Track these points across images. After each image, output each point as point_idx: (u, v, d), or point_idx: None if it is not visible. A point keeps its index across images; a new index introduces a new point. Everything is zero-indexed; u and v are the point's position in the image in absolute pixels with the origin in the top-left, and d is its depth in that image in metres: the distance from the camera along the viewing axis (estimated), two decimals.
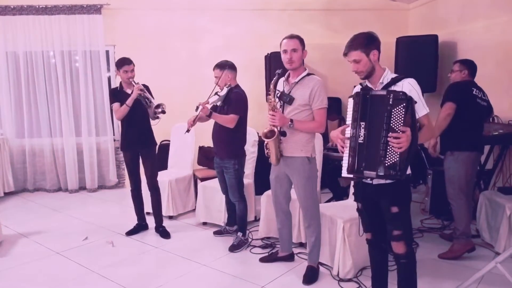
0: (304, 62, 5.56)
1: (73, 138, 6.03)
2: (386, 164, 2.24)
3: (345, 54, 2.43)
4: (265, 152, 3.18)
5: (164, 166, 5.20)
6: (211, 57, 4.51)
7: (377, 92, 2.32)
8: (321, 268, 3.37)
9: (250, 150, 4.44)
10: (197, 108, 3.57)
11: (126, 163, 4.21)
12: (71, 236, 4.22)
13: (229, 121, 3.67)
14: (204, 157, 5.51)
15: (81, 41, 5.86)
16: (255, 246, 3.89)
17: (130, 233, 4.26)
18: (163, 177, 4.66)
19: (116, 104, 3.98)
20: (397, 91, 2.26)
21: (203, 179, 4.88)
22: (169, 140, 5.41)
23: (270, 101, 3.09)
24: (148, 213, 4.48)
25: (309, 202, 3.18)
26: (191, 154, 5.10)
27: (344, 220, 3.21)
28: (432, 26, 5.54)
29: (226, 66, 3.75)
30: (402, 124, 2.19)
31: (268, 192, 3.97)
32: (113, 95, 4.08)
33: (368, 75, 2.42)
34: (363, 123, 2.32)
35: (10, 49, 5.85)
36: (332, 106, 6.21)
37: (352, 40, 2.40)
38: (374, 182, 2.41)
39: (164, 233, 4.22)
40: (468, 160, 3.53)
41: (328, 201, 4.49)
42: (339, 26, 6.19)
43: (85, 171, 6.06)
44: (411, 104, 2.21)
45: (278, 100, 3.14)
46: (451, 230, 4.08)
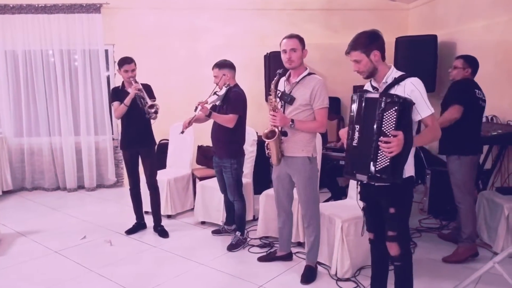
0: (304, 62, 5.61)
1: (72, 137, 6.02)
2: (377, 168, 2.21)
3: (347, 53, 2.41)
4: (266, 153, 3.17)
5: (163, 165, 5.20)
6: (211, 57, 4.51)
7: (371, 95, 2.30)
8: (319, 268, 3.37)
9: (249, 150, 4.44)
10: (196, 108, 3.56)
11: (125, 162, 4.21)
12: (69, 235, 4.22)
13: (229, 121, 3.67)
14: (203, 156, 5.51)
15: (80, 40, 5.85)
16: (253, 246, 3.88)
17: (129, 232, 4.25)
18: (162, 176, 4.66)
19: (116, 103, 3.99)
20: (391, 94, 2.21)
21: (202, 178, 4.88)
22: (168, 139, 5.41)
23: (271, 101, 3.08)
24: (147, 212, 4.49)
25: (310, 202, 3.17)
26: (190, 153, 5.10)
27: (343, 220, 3.21)
28: (432, 26, 5.54)
29: (225, 66, 3.75)
30: (394, 128, 2.15)
31: (267, 192, 3.98)
32: (114, 94, 4.09)
33: (370, 75, 2.41)
34: (358, 126, 2.32)
35: (9, 48, 5.84)
36: (331, 106, 6.15)
37: (354, 40, 2.38)
38: (376, 184, 2.38)
39: (163, 232, 4.22)
40: (473, 163, 3.50)
41: (327, 201, 4.49)
42: (339, 26, 6.19)
43: (84, 170, 6.05)
44: (406, 107, 2.17)
45: (279, 100, 3.14)
46: (450, 230, 4.09)
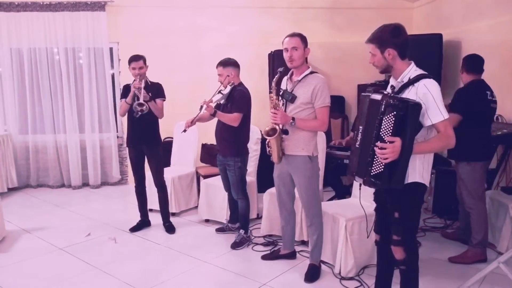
0: (308, 61, 5.60)
1: (77, 135, 6.04)
2: (372, 173, 2.17)
3: (366, 43, 2.34)
4: (267, 150, 3.19)
5: (167, 163, 5.21)
6: (215, 55, 4.51)
7: (375, 97, 2.22)
8: (323, 266, 3.38)
9: (253, 148, 4.45)
10: (201, 108, 3.56)
11: (131, 160, 4.23)
12: (74, 232, 4.24)
13: (233, 120, 3.67)
14: (207, 155, 5.52)
15: (85, 38, 5.86)
16: (257, 244, 3.89)
17: (134, 230, 4.27)
18: (166, 174, 4.63)
19: (122, 100, 4.01)
20: (392, 98, 2.11)
21: (206, 177, 4.88)
22: (172, 138, 5.42)
23: (272, 99, 3.09)
24: (151, 210, 4.50)
25: (311, 201, 3.17)
26: (194, 152, 5.11)
27: (347, 219, 3.21)
28: (437, 25, 5.52)
29: (229, 64, 3.76)
30: (391, 134, 2.08)
31: (271, 190, 3.98)
32: (123, 91, 4.12)
33: (384, 71, 2.35)
34: (361, 128, 2.29)
35: (14, 46, 5.86)
36: (336, 105, 6.20)
37: (374, 32, 2.29)
38: None
39: (170, 228, 4.24)
40: (484, 168, 3.48)
41: (331, 200, 4.50)
42: (343, 25, 6.18)
43: (88, 168, 6.07)
44: (408, 112, 2.06)
45: (281, 98, 3.14)
46: (454, 229, 4.08)
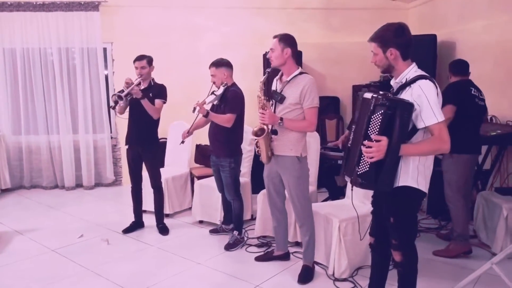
0: (303, 61, 5.58)
1: (70, 136, 6.00)
2: (358, 172, 2.15)
3: (369, 41, 2.31)
4: (256, 150, 3.19)
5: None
6: (209, 55, 4.49)
7: (366, 95, 2.22)
8: (317, 268, 3.36)
9: (247, 149, 4.43)
10: (194, 109, 3.54)
11: (128, 161, 4.20)
12: (67, 234, 4.20)
13: (226, 121, 3.66)
14: (201, 155, 5.50)
15: (79, 38, 5.83)
16: (251, 245, 3.87)
17: (127, 231, 4.24)
18: None
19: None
20: (380, 96, 2.09)
21: (200, 177, 4.86)
22: (166, 138, 5.39)
23: (260, 99, 3.09)
24: (145, 211, 4.48)
25: (301, 201, 3.16)
26: (188, 152, 5.08)
27: (340, 220, 3.19)
28: (431, 26, 5.52)
29: (222, 64, 3.74)
30: (377, 133, 2.07)
31: (264, 191, 3.94)
32: None
33: (386, 71, 2.32)
34: (354, 126, 2.29)
35: (7, 46, 5.82)
36: (330, 106, 6.20)
37: (377, 31, 2.26)
38: None
39: (163, 230, 4.22)
40: (467, 163, 3.51)
41: (325, 201, 4.48)
42: (338, 25, 6.17)
43: (82, 169, 6.03)
44: (398, 111, 2.04)
45: (269, 99, 3.14)
46: (448, 230, 4.07)
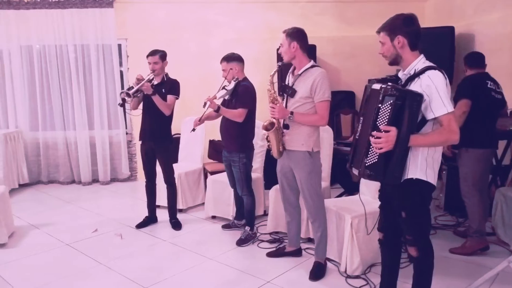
0: (317, 55, 5.52)
1: (86, 131, 6.07)
2: (366, 164, 2.13)
3: (377, 33, 2.29)
4: (267, 145, 3.15)
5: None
6: (222, 50, 4.46)
7: (374, 86, 2.20)
8: (329, 264, 3.32)
9: (259, 144, 4.40)
10: (205, 104, 3.53)
11: (141, 156, 4.22)
12: (82, 228, 4.26)
13: (238, 115, 3.63)
14: (214, 151, 5.50)
15: (93, 35, 5.88)
16: (263, 241, 3.85)
17: (140, 226, 4.27)
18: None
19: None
20: (390, 87, 2.06)
21: (213, 173, 4.86)
22: (180, 134, 5.41)
23: (270, 93, 3.06)
24: (159, 206, 4.50)
25: (313, 197, 3.12)
26: (201, 148, 5.09)
27: (352, 216, 3.14)
28: (449, 18, 5.39)
29: (233, 59, 3.71)
30: (386, 123, 2.05)
31: (277, 186, 3.92)
32: None
33: (393, 62, 2.27)
34: (361, 118, 2.26)
35: (24, 43, 5.91)
36: (346, 100, 6.12)
37: (386, 21, 2.25)
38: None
39: (176, 225, 4.24)
40: (483, 157, 3.44)
41: (339, 197, 4.42)
42: (353, 19, 6.07)
43: (98, 164, 6.11)
44: (407, 101, 2.02)
45: (281, 93, 3.10)
46: (466, 227, 3.98)
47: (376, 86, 2.16)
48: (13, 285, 3.10)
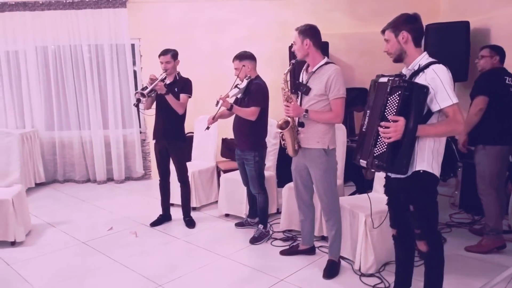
0: (329, 52, 5.48)
1: (101, 131, 6.15)
2: (375, 154, 2.18)
3: (382, 32, 2.36)
4: (282, 143, 3.14)
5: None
6: (235, 49, 4.46)
7: (381, 79, 2.25)
8: (343, 262, 3.31)
9: (272, 142, 4.40)
10: (218, 103, 3.54)
11: (155, 155, 4.25)
12: (97, 226, 4.31)
13: (250, 114, 3.64)
14: (227, 149, 5.51)
15: (107, 35, 5.94)
16: (276, 239, 3.85)
17: (154, 224, 4.30)
18: None
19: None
20: (398, 78, 2.13)
21: (226, 171, 4.88)
22: (193, 132, 5.43)
23: (284, 91, 3.05)
24: (173, 205, 4.53)
25: (328, 195, 3.11)
26: (214, 146, 5.11)
27: (366, 214, 3.11)
28: (464, 12, 5.29)
29: (246, 57, 3.71)
30: (395, 114, 2.10)
31: (290, 185, 3.92)
32: None
33: (398, 58, 2.32)
34: (368, 111, 2.31)
35: (40, 44, 5.99)
36: (359, 97, 6.06)
37: (392, 20, 2.33)
38: (392, 176, 2.34)
39: (190, 223, 4.26)
40: (501, 155, 3.39)
41: (352, 194, 4.40)
42: (366, 14, 6.01)
43: (113, 163, 6.18)
44: (413, 93, 2.08)
45: (295, 91, 3.10)
46: (482, 225, 3.92)
47: (384, 79, 2.22)
48: (31, 283, 3.15)
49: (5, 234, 3.77)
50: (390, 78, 2.16)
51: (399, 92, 2.09)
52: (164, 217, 4.39)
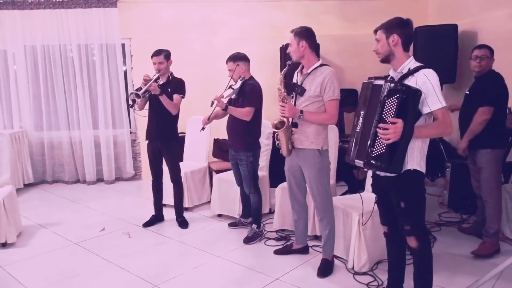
0: (320, 54, 5.53)
1: (91, 131, 6.10)
2: (373, 155, 2.24)
3: (374, 32, 2.43)
4: (276, 143, 3.18)
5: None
6: (227, 49, 4.49)
7: (377, 82, 2.31)
8: (336, 261, 3.35)
9: (265, 143, 4.43)
10: (212, 103, 3.55)
11: (148, 156, 4.24)
12: (89, 227, 4.28)
13: (245, 114, 3.66)
14: (219, 150, 5.52)
15: (97, 35, 5.90)
16: (270, 239, 3.88)
17: (147, 225, 4.29)
18: None
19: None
20: (395, 82, 2.21)
21: (218, 171, 4.89)
22: (185, 133, 5.43)
23: (280, 92, 3.08)
24: (165, 205, 4.52)
25: (322, 195, 3.15)
26: (206, 147, 5.11)
27: (360, 213, 3.17)
28: (452, 15, 5.39)
29: (239, 58, 3.73)
30: (393, 116, 2.16)
31: (283, 185, 3.95)
32: None
33: (385, 59, 2.40)
34: (362, 112, 2.36)
35: (28, 43, 5.92)
36: (349, 98, 6.14)
37: (385, 21, 2.40)
38: (381, 174, 2.41)
39: (182, 223, 4.26)
40: (500, 157, 3.46)
41: (344, 194, 4.46)
42: (356, 17, 6.08)
43: (103, 163, 6.13)
44: (410, 96, 2.16)
45: (290, 91, 3.13)
46: (470, 224, 4.01)
47: (379, 82, 2.29)
48: (24, 284, 3.12)
49: None
50: (388, 81, 2.22)
51: (397, 95, 2.16)
52: (157, 218, 4.39)
